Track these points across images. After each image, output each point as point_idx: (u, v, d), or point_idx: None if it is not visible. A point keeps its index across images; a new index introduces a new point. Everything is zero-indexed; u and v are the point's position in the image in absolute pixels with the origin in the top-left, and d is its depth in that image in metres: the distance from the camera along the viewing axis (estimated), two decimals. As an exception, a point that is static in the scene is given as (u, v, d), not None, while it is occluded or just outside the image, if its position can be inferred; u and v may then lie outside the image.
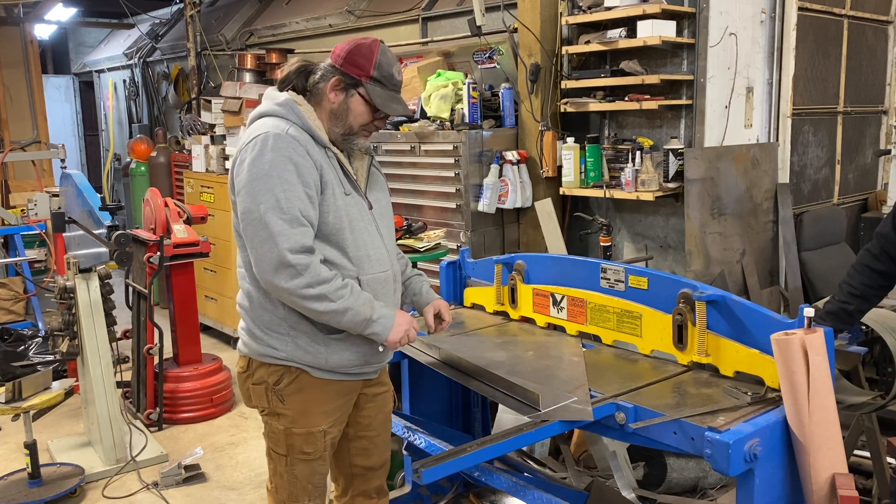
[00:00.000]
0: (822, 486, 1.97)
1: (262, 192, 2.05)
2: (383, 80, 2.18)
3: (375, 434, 2.45)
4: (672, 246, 4.45)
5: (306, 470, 2.28)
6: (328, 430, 2.26)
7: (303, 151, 2.09)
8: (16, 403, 3.50)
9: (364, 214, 2.23)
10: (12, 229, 6.12)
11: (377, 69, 2.16)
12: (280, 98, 2.19)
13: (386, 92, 2.19)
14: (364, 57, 2.16)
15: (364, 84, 2.17)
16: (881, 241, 2.77)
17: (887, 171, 5.86)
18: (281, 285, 2.05)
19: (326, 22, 6.39)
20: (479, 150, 4.61)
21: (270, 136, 2.08)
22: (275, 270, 2.05)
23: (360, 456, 2.45)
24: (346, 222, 2.16)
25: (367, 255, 2.20)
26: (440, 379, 2.75)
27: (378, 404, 2.44)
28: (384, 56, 2.18)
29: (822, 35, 5.00)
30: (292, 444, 2.25)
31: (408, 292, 2.60)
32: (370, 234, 2.23)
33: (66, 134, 11.48)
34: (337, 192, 2.15)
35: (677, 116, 4.32)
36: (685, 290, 2.41)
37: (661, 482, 3.25)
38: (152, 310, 4.59)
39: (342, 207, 2.15)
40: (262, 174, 2.06)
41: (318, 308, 2.07)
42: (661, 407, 2.14)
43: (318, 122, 2.17)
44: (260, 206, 2.05)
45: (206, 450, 4.10)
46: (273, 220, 2.04)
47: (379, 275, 2.24)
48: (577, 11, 4.42)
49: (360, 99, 2.18)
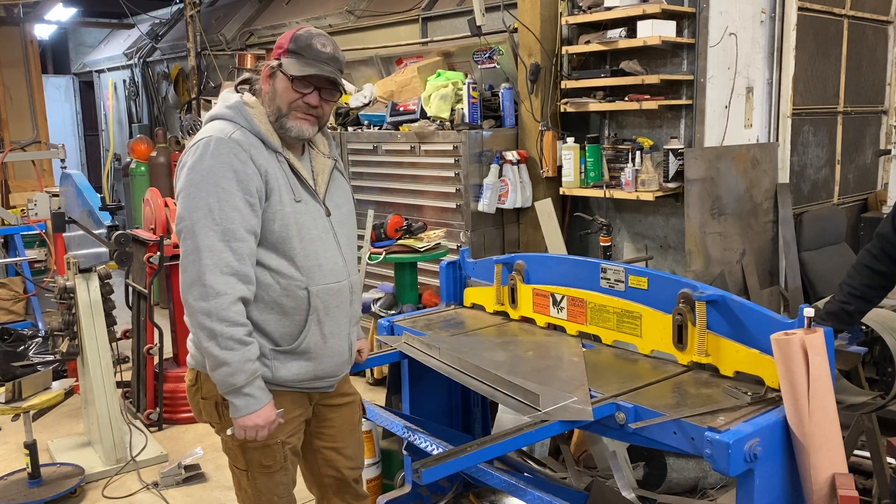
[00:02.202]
0: (822, 486, 1.97)
1: (195, 199, 1.97)
2: (300, 51, 2.06)
3: (343, 445, 2.37)
4: (672, 246, 4.45)
5: (269, 483, 2.20)
6: (286, 441, 2.18)
7: (245, 157, 2.00)
8: (16, 403, 3.50)
9: (319, 222, 2.13)
10: (12, 229, 6.12)
11: (293, 42, 2.07)
12: (231, 100, 2.11)
13: (303, 60, 2.06)
14: (285, 38, 2.10)
15: (281, 60, 2.08)
16: (881, 242, 2.77)
17: (887, 171, 5.86)
18: (188, 300, 1.97)
19: (326, 22, 6.39)
20: (479, 150, 4.61)
21: (213, 140, 2.00)
22: (189, 284, 1.96)
23: (329, 467, 2.38)
24: (295, 230, 2.06)
25: (317, 265, 2.10)
26: (440, 379, 2.75)
27: (342, 415, 2.36)
28: (306, 32, 2.09)
29: (822, 35, 5.00)
30: (250, 458, 2.17)
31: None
32: (324, 243, 2.13)
33: (66, 134, 11.49)
34: (285, 199, 2.05)
35: (677, 116, 4.32)
36: (685, 290, 2.41)
37: (661, 482, 3.25)
38: (152, 310, 4.59)
39: (290, 215, 2.06)
40: (198, 180, 1.98)
41: (202, 341, 1.97)
42: (661, 407, 2.14)
43: (268, 126, 2.09)
44: (192, 215, 1.97)
45: (206, 450, 4.10)
46: (203, 232, 1.95)
47: (331, 286, 2.13)
48: (577, 11, 4.43)
49: (283, 76, 2.08)
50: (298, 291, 2.08)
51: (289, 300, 2.08)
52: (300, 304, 2.09)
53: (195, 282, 1.96)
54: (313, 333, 2.12)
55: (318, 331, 2.12)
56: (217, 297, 1.94)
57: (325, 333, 2.14)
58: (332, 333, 2.16)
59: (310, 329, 2.11)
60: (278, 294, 2.07)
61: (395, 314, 3.98)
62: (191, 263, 1.97)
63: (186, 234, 1.98)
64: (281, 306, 2.08)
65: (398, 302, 4.55)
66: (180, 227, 2.00)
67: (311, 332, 2.11)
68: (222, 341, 1.95)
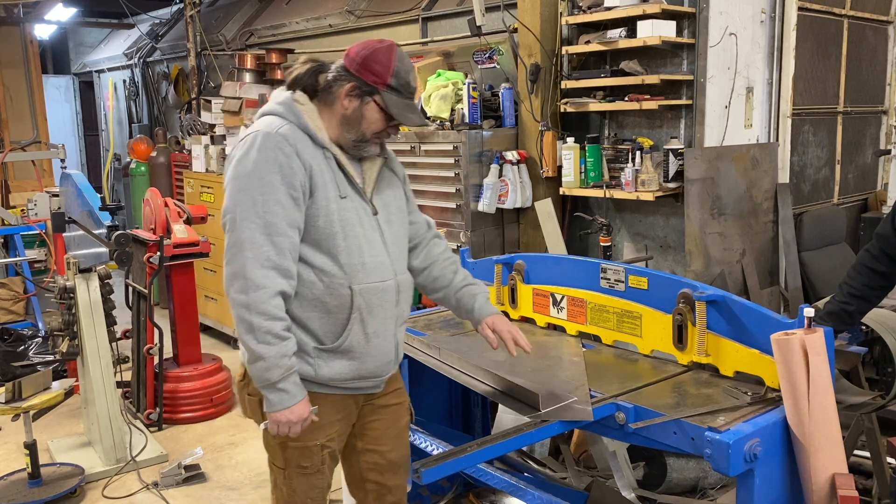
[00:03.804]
0: (822, 486, 1.97)
1: (240, 192, 2.00)
2: (400, 88, 2.09)
3: (388, 449, 2.32)
4: (672, 246, 4.45)
5: (304, 484, 2.21)
6: (326, 444, 2.18)
7: (291, 151, 2.01)
8: (16, 403, 3.50)
9: (364, 219, 2.12)
10: (12, 229, 6.12)
11: (395, 77, 2.07)
12: (282, 97, 2.13)
13: (402, 101, 2.10)
14: (381, 63, 2.07)
15: (380, 92, 2.07)
16: (881, 242, 2.77)
17: (887, 171, 5.86)
18: (230, 292, 1.99)
19: (326, 22, 6.39)
20: (479, 150, 4.61)
21: (260, 134, 2.02)
22: (232, 277, 1.99)
23: (372, 471, 2.33)
24: (339, 227, 2.06)
25: (361, 264, 2.09)
26: (440, 379, 2.75)
27: (388, 417, 2.32)
28: (401, 63, 2.09)
29: (822, 35, 5.00)
30: (289, 457, 2.18)
31: (461, 307, 2.40)
32: (369, 241, 2.12)
33: (66, 134, 11.48)
34: (330, 195, 2.06)
35: (677, 116, 4.32)
36: (685, 290, 2.41)
37: (661, 482, 3.25)
38: (152, 310, 4.59)
39: (335, 211, 2.06)
40: (244, 174, 2.01)
41: (241, 334, 2.00)
42: (661, 407, 2.14)
43: (318, 122, 2.09)
44: (236, 208, 2.00)
45: (206, 450, 4.10)
46: (246, 225, 1.98)
47: (374, 285, 2.11)
48: (577, 11, 4.42)
49: (376, 107, 2.09)
50: (341, 290, 2.07)
51: (332, 298, 2.08)
52: (343, 303, 2.08)
53: (237, 274, 1.98)
54: (356, 332, 2.11)
55: (360, 330, 2.11)
56: (257, 290, 1.96)
57: (369, 333, 2.12)
58: (375, 333, 2.14)
59: (352, 328, 2.10)
60: (321, 292, 2.07)
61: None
62: (233, 256, 1.99)
63: (230, 227, 2.01)
64: (324, 304, 2.08)
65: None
66: (225, 220, 2.03)
67: (354, 331, 2.10)
68: (260, 335, 1.96)
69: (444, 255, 2.43)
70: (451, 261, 2.43)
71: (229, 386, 4.81)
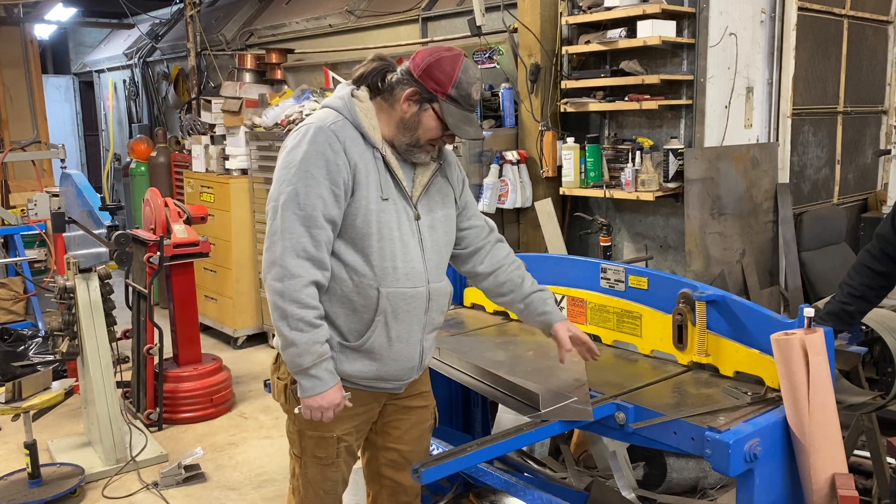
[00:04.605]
0: (822, 486, 1.97)
1: (286, 182, 2.03)
2: (460, 100, 2.08)
3: (408, 449, 2.34)
4: (672, 246, 4.45)
5: (318, 475, 2.24)
6: (342, 437, 2.20)
7: (338, 147, 2.03)
8: (16, 403, 3.49)
9: (404, 224, 2.12)
10: (12, 229, 6.11)
11: (456, 87, 2.06)
12: (342, 92, 2.14)
13: (461, 112, 2.09)
14: (444, 72, 2.06)
15: (440, 100, 2.07)
16: (881, 242, 2.77)
17: (887, 171, 5.86)
18: (267, 279, 2.04)
19: (326, 22, 6.39)
20: (479, 150, 4.61)
21: (313, 127, 2.05)
22: (270, 264, 2.03)
23: (390, 468, 2.36)
24: (375, 228, 2.07)
25: (392, 267, 2.09)
26: (440, 379, 2.75)
27: (412, 418, 2.34)
28: (465, 74, 2.07)
29: (822, 35, 5.00)
30: (305, 446, 2.22)
31: (529, 312, 2.41)
32: (404, 245, 2.11)
33: (66, 134, 11.48)
34: (372, 195, 2.06)
35: (677, 116, 4.32)
36: (685, 290, 2.41)
37: (661, 482, 3.25)
38: (152, 310, 4.59)
39: (374, 212, 2.06)
40: (291, 164, 2.03)
41: (275, 320, 2.04)
42: (661, 407, 2.14)
43: (373, 121, 2.10)
44: (280, 197, 2.03)
45: (206, 450, 4.10)
46: (286, 215, 2.01)
47: (405, 290, 2.11)
48: (577, 11, 4.43)
49: (433, 114, 2.09)
50: (370, 290, 2.09)
51: (359, 297, 2.10)
52: (369, 303, 2.10)
53: (274, 262, 2.02)
54: (379, 334, 2.12)
55: (384, 332, 2.12)
56: (291, 278, 1.99)
57: (392, 336, 2.13)
58: (398, 337, 2.14)
59: (376, 329, 2.12)
60: (350, 290, 2.09)
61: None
62: (273, 244, 2.03)
63: (272, 215, 2.05)
64: (352, 302, 2.10)
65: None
66: (269, 207, 2.07)
67: (378, 333, 2.12)
68: (293, 322, 2.00)
69: (509, 260, 2.43)
70: (517, 265, 2.44)
71: (229, 386, 4.81)
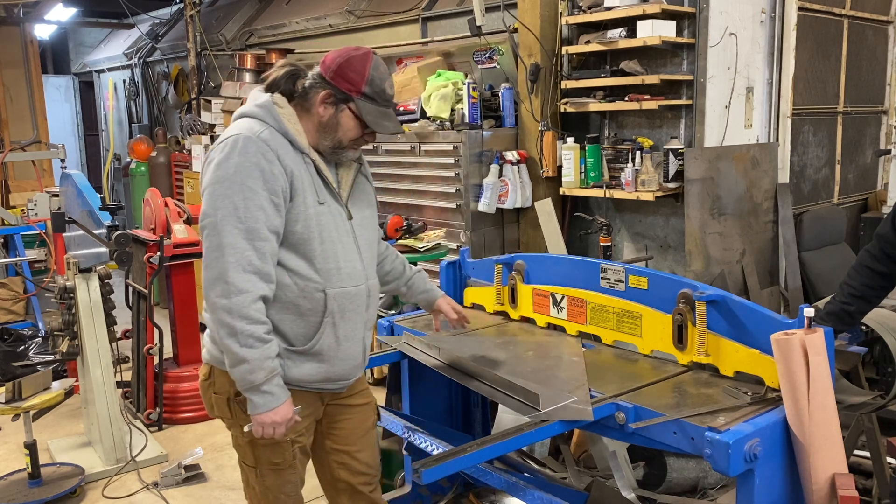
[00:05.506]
0: (822, 486, 1.97)
1: (221, 197, 1.98)
2: (375, 97, 2.10)
3: (356, 449, 2.35)
4: (672, 246, 4.45)
5: (277, 480, 2.21)
6: (296, 439, 2.18)
7: (272, 157, 2.01)
8: (16, 403, 3.49)
9: (340, 225, 2.14)
10: (12, 229, 6.11)
11: (369, 84, 2.08)
12: (261, 99, 2.11)
13: (377, 108, 2.11)
14: (356, 71, 2.07)
15: (354, 100, 2.09)
16: (881, 242, 2.77)
17: (887, 171, 5.87)
18: (210, 297, 1.99)
19: (326, 22, 6.39)
20: (479, 150, 4.61)
21: (241, 138, 2.01)
22: (212, 281, 1.98)
23: (343, 470, 2.35)
24: (316, 232, 2.07)
25: (336, 268, 2.11)
26: (440, 379, 2.75)
27: (356, 417, 2.35)
28: (376, 70, 2.09)
29: (822, 35, 5.00)
30: (259, 455, 2.18)
31: (412, 292, 2.61)
32: (344, 246, 2.14)
33: (66, 134, 11.48)
34: (309, 201, 2.07)
35: (677, 116, 4.32)
36: (685, 290, 2.41)
37: (661, 482, 3.25)
38: (152, 310, 4.59)
39: (313, 217, 2.07)
40: (225, 178, 1.99)
41: (223, 338, 1.98)
42: (661, 407, 2.14)
43: (297, 127, 2.09)
44: (217, 213, 1.98)
45: (206, 450, 4.10)
46: (227, 230, 1.97)
47: (348, 289, 2.14)
48: (577, 11, 4.43)
49: (351, 114, 2.10)
50: (316, 293, 2.09)
51: (305, 301, 2.09)
52: (316, 306, 2.10)
53: (218, 279, 1.97)
54: (327, 336, 2.12)
55: (332, 333, 2.13)
56: (239, 294, 1.96)
57: (339, 336, 2.14)
58: (346, 337, 2.16)
59: (324, 331, 2.12)
60: (295, 295, 2.08)
61: (395, 314, 3.98)
62: (214, 260, 1.98)
63: (210, 231, 2.00)
64: (297, 307, 2.09)
65: (398, 302, 4.55)
66: (204, 223, 2.01)
67: (326, 335, 2.12)
68: (242, 338, 1.96)
69: (390, 251, 2.59)
70: (396, 254, 2.61)
71: (229, 386, 4.81)
